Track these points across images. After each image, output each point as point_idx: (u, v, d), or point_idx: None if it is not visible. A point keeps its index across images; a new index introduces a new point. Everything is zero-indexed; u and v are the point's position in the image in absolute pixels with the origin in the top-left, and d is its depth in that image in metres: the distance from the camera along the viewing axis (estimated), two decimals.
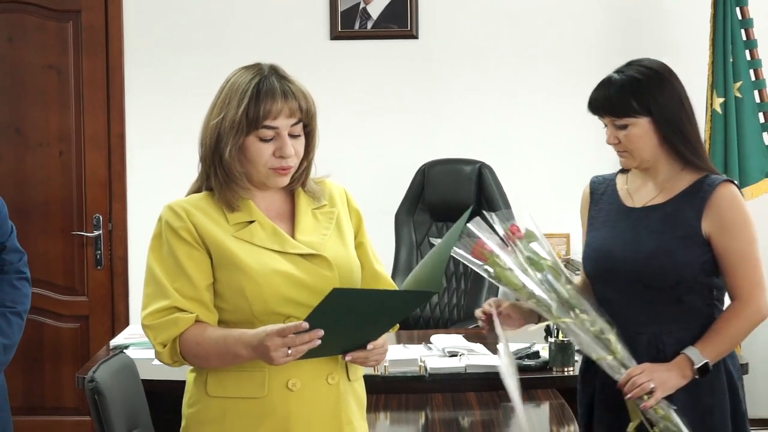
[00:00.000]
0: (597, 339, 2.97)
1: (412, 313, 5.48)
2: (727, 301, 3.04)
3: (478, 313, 3.09)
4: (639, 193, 3.10)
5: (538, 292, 2.95)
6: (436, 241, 2.78)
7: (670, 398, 2.93)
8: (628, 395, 2.91)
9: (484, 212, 3.01)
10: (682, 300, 2.98)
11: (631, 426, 2.97)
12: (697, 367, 2.91)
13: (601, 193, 3.19)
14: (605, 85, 3.05)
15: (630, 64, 3.08)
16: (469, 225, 2.91)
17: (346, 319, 2.47)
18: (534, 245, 2.99)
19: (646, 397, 2.88)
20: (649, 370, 2.91)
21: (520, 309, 3.10)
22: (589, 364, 3.11)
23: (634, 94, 2.99)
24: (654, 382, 2.89)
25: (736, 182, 3.07)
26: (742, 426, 3.01)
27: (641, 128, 2.99)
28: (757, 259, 2.97)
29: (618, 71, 3.06)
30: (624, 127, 3.00)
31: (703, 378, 2.92)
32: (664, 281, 2.97)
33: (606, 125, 3.04)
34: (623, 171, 3.16)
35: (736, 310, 2.96)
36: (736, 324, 2.95)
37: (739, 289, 2.96)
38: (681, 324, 2.98)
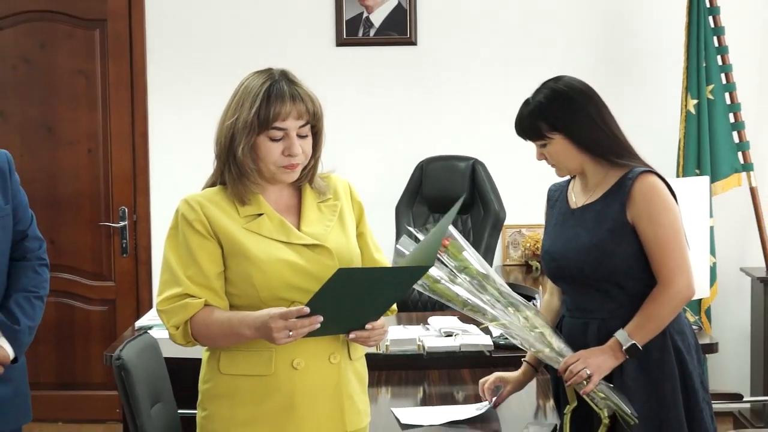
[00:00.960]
0: (532, 334, 3.00)
1: (410, 294, 5.50)
2: None
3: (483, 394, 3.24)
4: (579, 195, 3.14)
5: (471, 299, 2.97)
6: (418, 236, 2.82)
7: (620, 370, 2.96)
8: (568, 383, 2.94)
9: (410, 228, 3.03)
10: (623, 287, 3.00)
11: (568, 408, 3.01)
12: (625, 348, 2.93)
13: (555, 199, 3.24)
14: (521, 110, 3.12)
15: (543, 85, 3.11)
16: (398, 246, 2.93)
17: (349, 299, 2.48)
18: (465, 254, 2.99)
19: (585, 382, 2.90)
20: (584, 357, 2.94)
21: (515, 381, 3.22)
22: None
23: (543, 117, 3.04)
24: (590, 368, 2.91)
25: (657, 172, 3.04)
26: (694, 402, 3.00)
27: (557, 144, 3.05)
28: (678, 244, 2.96)
29: (533, 95, 3.11)
30: (544, 145, 3.07)
31: (634, 356, 2.94)
32: (600, 272, 2.99)
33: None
34: (573, 177, 3.19)
35: (657, 294, 2.95)
36: (658, 306, 2.95)
37: (659, 273, 2.96)
38: (626, 309, 2.99)
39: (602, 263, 2.99)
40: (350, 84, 6.02)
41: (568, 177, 3.21)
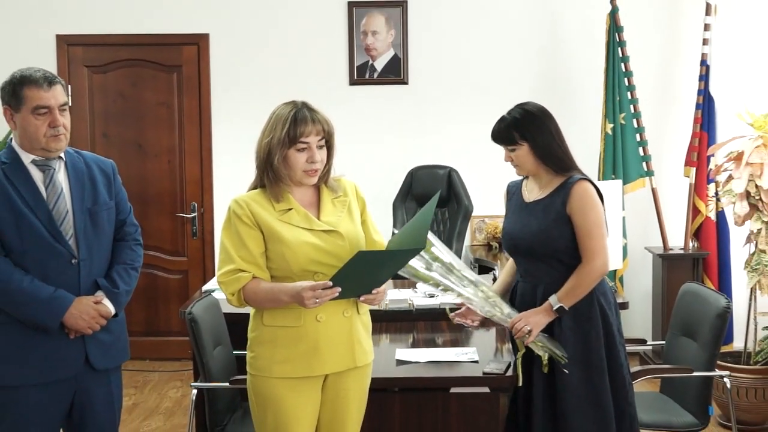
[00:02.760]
0: (487, 302, 3.01)
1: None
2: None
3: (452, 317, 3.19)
4: (531, 192, 3.12)
5: (442, 281, 2.97)
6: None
7: (560, 322, 2.96)
8: (515, 336, 2.96)
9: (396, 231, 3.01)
10: (562, 261, 3.00)
11: (519, 355, 3.00)
12: (555, 309, 2.94)
13: (513, 193, 3.22)
14: (499, 123, 3.08)
15: (516, 107, 3.09)
16: (395, 231, 2.92)
17: (362, 273, 2.49)
18: (433, 249, 2.98)
19: (527, 336, 2.92)
20: (525, 317, 2.95)
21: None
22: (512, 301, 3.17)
23: (517, 129, 3.02)
24: (530, 325, 2.93)
25: (590, 180, 3.03)
26: (613, 344, 3.01)
27: (523, 151, 3.03)
28: (598, 233, 2.94)
29: (508, 112, 3.08)
30: (513, 150, 3.05)
31: (565, 316, 2.95)
32: (546, 250, 2.99)
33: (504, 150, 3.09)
34: (526, 177, 3.17)
35: (580, 269, 2.95)
36: (580, 279, 2.95)
37: (583, 254, 2.96)
38: (564, 276, 2.99)
39: (547, 243, 2.98)
40: (360, 113, 6.00)
41: (521, 178, 3.20)
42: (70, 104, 2.82)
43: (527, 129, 3.01)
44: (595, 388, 2.96)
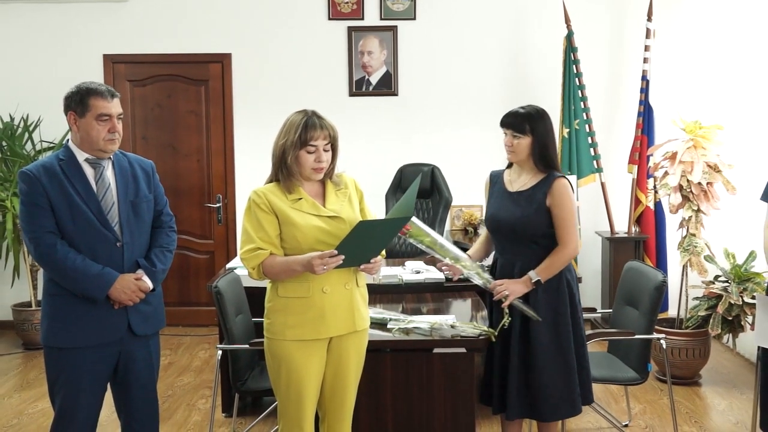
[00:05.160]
0: (471, 270, 3.02)
1: (395, 242, 5.48)
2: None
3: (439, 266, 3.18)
4: (515, 182, 3.09)
5: (439, 241, 3.00)
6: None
7: (534, 293, 2.97)
8: (495, 297, 2.97)
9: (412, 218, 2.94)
10: (538, 243, 2.98)
11: (505, 321, 2.99)
12: (533, 281, 2.95)
13: (495, 182, 3.18)
14: (513, 113, 3.04)
15: (529, 105, 3.06)
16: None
17: (361, 242, 2.48)
18: (426, 230, 2.98)
19: (504, 299, 2.93)
20: (507, 283, 2.96)
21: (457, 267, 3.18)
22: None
23: (528, 121, 2.99)
24: (508, 291, 2.94)
25: (567, 178, 3.01)
26: (575, 312, 3.02)
27: (525, 141, 2.99)
28: (572, 223, 2.95)
29: (521, 107, 3.05)
30: (517, 137, 3.00)
31: (540, 287, 2.96)
32: (526, 234, 2.98)
33: (506, 135, 3.03)
34: (509, 167, 3.14)
35: (557, 252, 2.96)
36: (556, 260, 2.95)
37: (560, 240, 2.96)
38: (538, 256, 2.98)
39: (528, 229, 2.98)
40: (358, 119, 5.98)
41: (501, 169, 3.17)
42: (123, 115, 2.82)
43: (536, 125, 2.99)
44: (561, 348, 2.98)
